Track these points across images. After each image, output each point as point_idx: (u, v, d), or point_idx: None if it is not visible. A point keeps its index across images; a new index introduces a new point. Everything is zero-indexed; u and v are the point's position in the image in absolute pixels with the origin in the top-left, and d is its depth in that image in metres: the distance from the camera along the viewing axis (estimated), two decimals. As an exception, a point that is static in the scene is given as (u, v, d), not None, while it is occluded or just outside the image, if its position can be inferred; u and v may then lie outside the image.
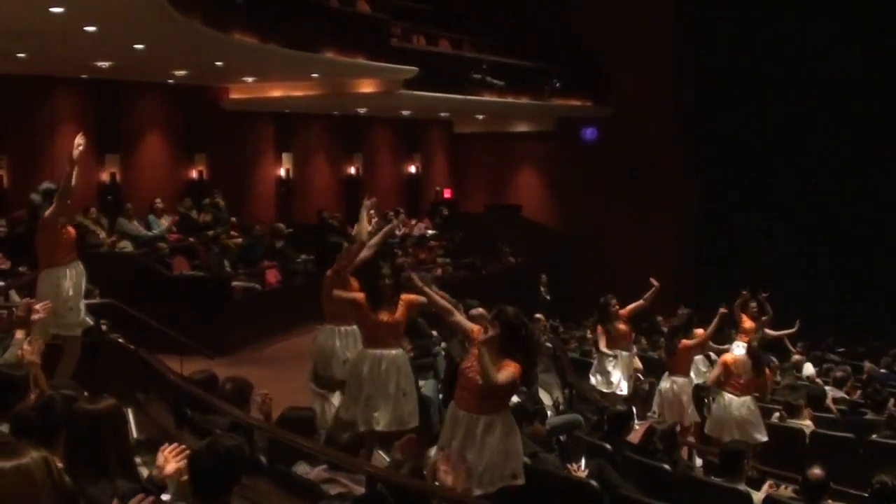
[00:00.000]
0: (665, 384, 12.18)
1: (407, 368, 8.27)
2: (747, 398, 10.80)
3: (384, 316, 8.18)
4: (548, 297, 22.49)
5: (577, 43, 25.09)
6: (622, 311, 13.15)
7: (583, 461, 7.74)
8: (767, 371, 11.31)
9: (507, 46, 24.18)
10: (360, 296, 8.30)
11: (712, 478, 8.28)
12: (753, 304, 15.04)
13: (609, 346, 12.93)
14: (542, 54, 24.13)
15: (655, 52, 24.89)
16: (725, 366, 11.08)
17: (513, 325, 6.61)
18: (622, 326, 13.02)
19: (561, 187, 27.16)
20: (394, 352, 8.21)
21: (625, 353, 13.08)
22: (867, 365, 16.72)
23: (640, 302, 13.40)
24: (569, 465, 7.67)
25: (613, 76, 25.63)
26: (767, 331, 15.06)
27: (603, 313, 13.21)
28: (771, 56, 24.33)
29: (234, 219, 18.31)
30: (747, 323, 14.88)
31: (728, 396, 10.86)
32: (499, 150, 28.07)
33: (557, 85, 23.99)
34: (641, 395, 13.44)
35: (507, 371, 6.44)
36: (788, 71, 24.23)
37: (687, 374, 12.44)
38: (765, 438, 10.64)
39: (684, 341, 12.29)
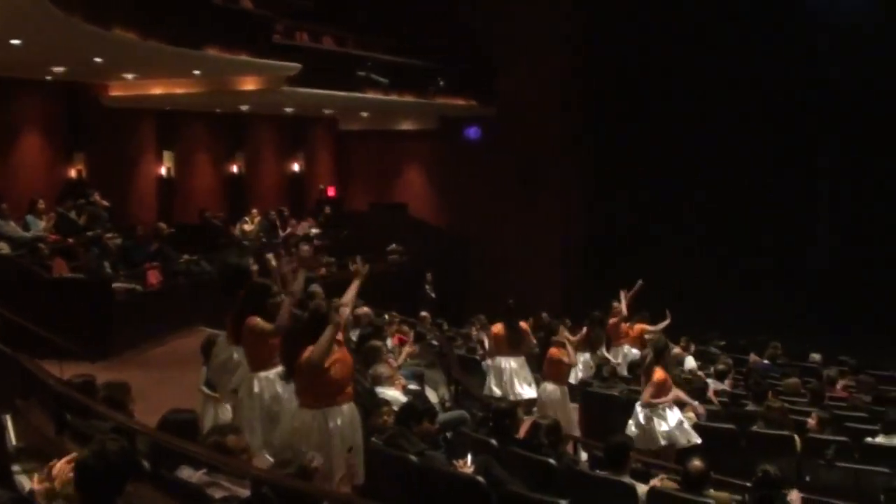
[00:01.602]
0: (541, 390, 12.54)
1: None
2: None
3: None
4: (433, 296, 22.57)
5: (462, 43, 25.15)
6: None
7: (469, 457, 7.76)
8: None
9: (392, 44, 24.14)
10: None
11: (597, 471, 8.36)
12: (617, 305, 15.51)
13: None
14: (427, 53, 24.13)
15: (542, 52, 25.05)
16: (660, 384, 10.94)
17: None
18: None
19: (446, 186, 27.24)
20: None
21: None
22: (752, 357, 17.14)
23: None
24: (455, 462, 7.69)
25: (499, 76, 25.77)
26: (646, 326, 15.44)
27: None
28: (659, 59, 24.75)
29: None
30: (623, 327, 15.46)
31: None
32: (384, 148, 28.03)
33: (442, 84, 24.04)
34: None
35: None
36: (676, 73, 24.71)
37: (561, 382, 12.73)
38: (697, 440, 10.60)
39: (553, 350, 12.65)
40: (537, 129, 25.17)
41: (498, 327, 13.54)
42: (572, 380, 13.93)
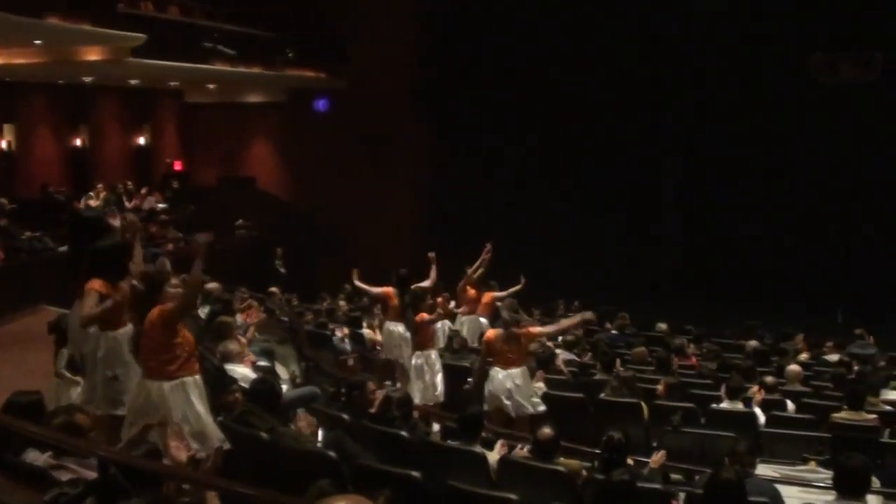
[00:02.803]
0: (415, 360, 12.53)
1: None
2: (515, 370, 10.83)
3: None
4: (283, 271, 22.39)
5: (311, 14, 24.87)
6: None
7: (320, 432, 7.76)
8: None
9: (239, 14, 23.75)
10: None
11: (449, 442, 8.45)
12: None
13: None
14: (275, 24, 23.81)
15: (393, 25, 24.95)
16: (488, 342, 11.17)
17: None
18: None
19: (296, 159, 27.01)
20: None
21: None
22: (608, 325, 17.52)
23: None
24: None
25: (349, 48, 25.58)
26: (496, 293, 15.56)
27: None
28: (509, 28, 24.91)
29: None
30: (472, 293, 15.47)
31: (496, 370, 10.91)
32: (231, 121, 27.60)
33: (290, 55, 23.81)
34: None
35: None
36: (525, 43, 24.86)
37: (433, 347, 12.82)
38: (542, 408, 10.72)
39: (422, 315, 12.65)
40: (386, 99, 25.10)
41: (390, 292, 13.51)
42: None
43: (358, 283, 14.20)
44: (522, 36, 24.72)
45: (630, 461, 7.82)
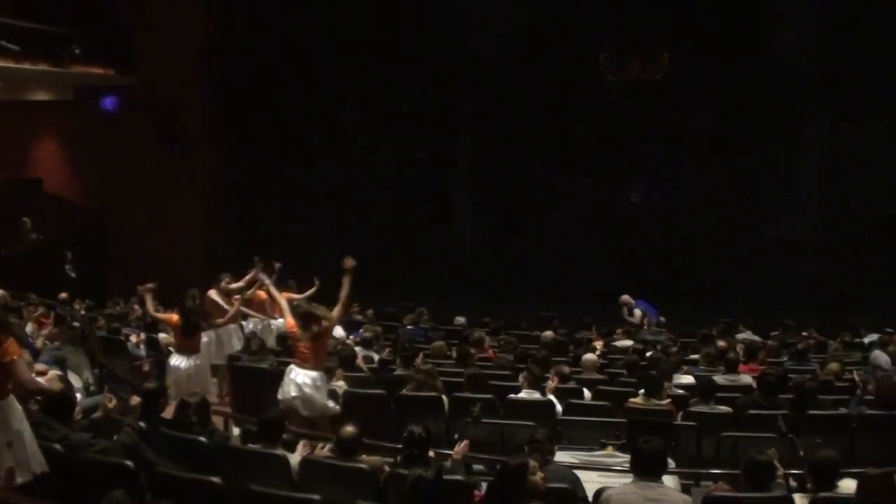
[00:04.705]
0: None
1: None
2: (314, 373, 10.75)
3: None
4: (73, 275, 21.67)
5: (99, 9, 24.08)
6: None
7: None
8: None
9: (23, 8, 22.73)
10: None
11: (250, 445, 8.35)
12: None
13: None
14: (62, 19, 22.94)
15: (181, 20, 24.36)
16: (293, 337, 11.08)
17: None
18: None
19: (84, 160, 26.05)
20: None
21: None
22: (406, 320, 17.60)
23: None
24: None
25: (138, 44, 24.87)
26: (292, 295, 15.45)
27: None
28: (298, 28, 24.69)
29: None
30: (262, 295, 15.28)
31: (293, 368, 10.84)
32: (15, 120, 26.38)
33: (77, 52, 23.04)
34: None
35: None
36: (314, 43, 24.74)
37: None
38: (336, 409, 10.72)
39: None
40: (178, 95, 24.45)
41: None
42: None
43: (153, 314, 13.70)
44: (311, 29, 24.58)
45: (432, 454, 7.90)
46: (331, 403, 10.75)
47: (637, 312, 18.72)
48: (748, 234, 25.92)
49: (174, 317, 12.82)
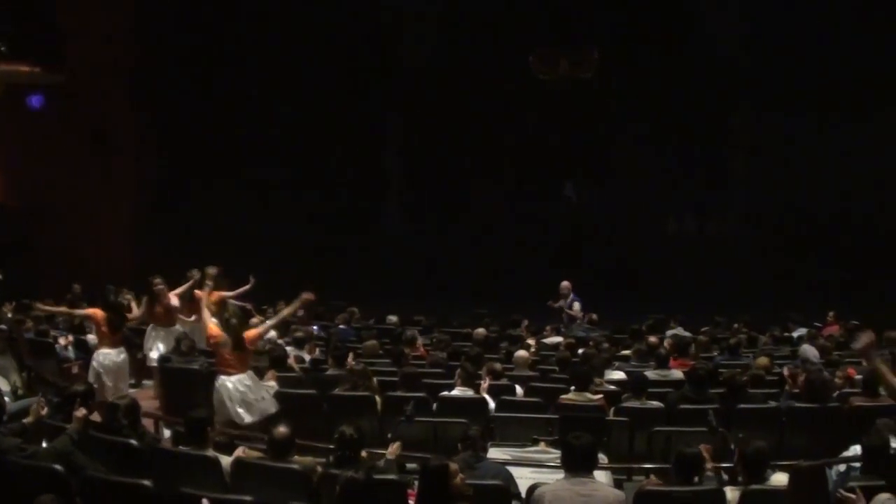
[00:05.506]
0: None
1: None
2: (242, 375, 10.73)
3: None
4: (0, 277, 21.33)
5: (25, 6, 23.68)
6: None
7: (43, 444, 7.46)
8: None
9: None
10: None
11: (180, 447, 8.28)
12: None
13: None
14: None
15: (108, 15, 24.06)
16: (216, 345, 10.97)
17: None
18: None
19: (12, 159, 25.62)
20: None
21: None
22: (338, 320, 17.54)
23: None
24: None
25: (65, 41, 24.49)
26: (224, 293, 15.28)
27: None
28: (227, 20, 24.60)
29: None
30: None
31: (222, 380, 10.75)
32: (-62, 120, 25.97)
33: (3, 50, 22.66)
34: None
35: None
36: (242, 36, 24.72)
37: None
38: (273, 409, 10.65)
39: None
40: (107, 93, 24.21)
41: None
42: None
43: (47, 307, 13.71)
44: (239, 30, 24.48)
45: (365, 454, 7.89)
46: (268, 397, 10.73)
47: (576, 305, 18.79)
48: (678, 231, 26.22)
49: (99, 312, 12.73)
